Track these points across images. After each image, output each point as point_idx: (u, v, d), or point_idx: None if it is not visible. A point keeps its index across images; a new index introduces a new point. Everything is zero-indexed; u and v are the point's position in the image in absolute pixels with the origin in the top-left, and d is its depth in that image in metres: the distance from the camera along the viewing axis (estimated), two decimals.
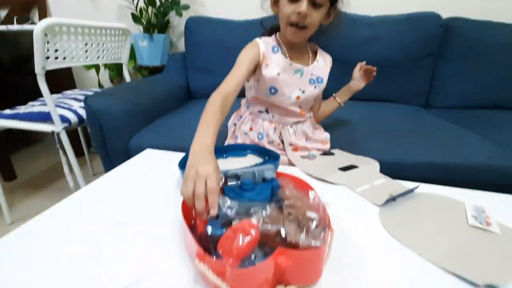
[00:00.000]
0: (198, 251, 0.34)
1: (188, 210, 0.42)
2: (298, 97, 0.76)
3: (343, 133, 0.98)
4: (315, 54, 0.79)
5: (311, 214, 0.40)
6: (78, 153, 1.08)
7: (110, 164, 1.00)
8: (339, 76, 1.33)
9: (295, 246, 0.35)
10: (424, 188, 0.60)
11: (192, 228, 0.42)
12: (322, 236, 0.37)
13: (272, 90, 0.74)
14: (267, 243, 0.37)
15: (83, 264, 0.38)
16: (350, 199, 0.57)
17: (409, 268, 0.40)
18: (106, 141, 0.96)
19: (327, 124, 0.90)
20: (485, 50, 1.30)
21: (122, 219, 0.48)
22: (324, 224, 0.40)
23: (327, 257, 0.39)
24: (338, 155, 0.78)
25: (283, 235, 0.37)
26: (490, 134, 1.00)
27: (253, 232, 0.34)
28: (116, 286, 0.35)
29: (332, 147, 0.84)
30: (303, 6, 0.62)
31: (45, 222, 0.47)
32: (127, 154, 0.96)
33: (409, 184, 0.61)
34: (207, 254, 0.33)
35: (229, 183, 0.50)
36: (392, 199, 0.55)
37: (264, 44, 0.72)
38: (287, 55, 0.74)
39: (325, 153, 0.81)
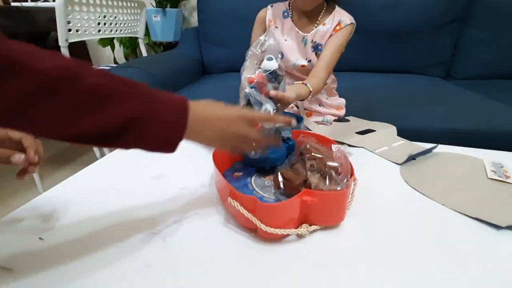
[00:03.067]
0: (231, 190, 0.37)
1: (219, 159, 0.44)
2: (303, 66, 0.75)
3: (359, 101, 0.97)
4: (327, 15, 0.73)
5: (332, 163, 0.42)
6: None
7: None
8: (356, 46, 1.31)
9: None
10: (442, 148, 0.61)
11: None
12: (344, 181, 0.40)
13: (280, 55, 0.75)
14: (294, 194, 0.39)
15: (128, 210, 0.42)
16: (370, 159, 0.59)
17: (432, 216, 0.42)
18: None
19: (343, 92, 0.90)
20: None
21: (155, 173, 0.52)
22: (347, 172, 0.42)
23: (349, 203, 0.41)
24: (354, 121, 0.79)
25: (308, 185, 0.40)
26: None
27: None
28: (161, 225, 0.39)
29: (348, 113, 0.84)
30: None
31: (89, 175, 0.52)
32: None
33: (428, 146, 0.62)
34: (239, 193, 0.36)
35: None
36: (412, 158, 0.56)
37: (273, 10, 0.75)
38: (296, 21, 0.74)
39: (340, 119, 0.82)
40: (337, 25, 0.71)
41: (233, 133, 0.37)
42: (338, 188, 0.38)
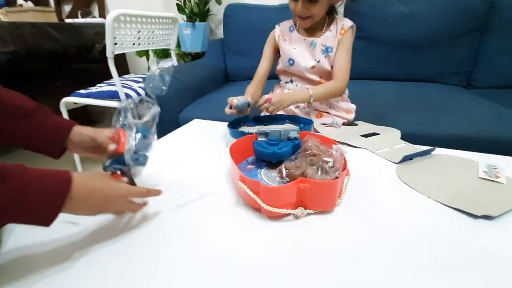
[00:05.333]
0: (241, 175, 0.46)
1: (235, 153, 0.54)
2: (313, 66, 0.85)
3: (371, 106, 1.01)
4: (331, 23, 0.84)
5: (327, 158, 0.50)
6: None
7: (163, 134, 1.18)
8: (374, 56, 1.35)
9: None
10: (441, 151, 0.65)
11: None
12: (336, 173, 0.47)
13: (290, 62, 0.87)
14: None
15: (164, 188, 0.52)
16: (370, 158, 0.65)
17: (416, 207, 0.48)
18: (160, 115, 1.14)
19: (356, 98, 0.95)
20: None
21: (183, 161, 0.63)
22: (339, 166, 0.49)
23: (343, 194, 0.48)
24: (361, 125, 0.85)
25: (304, 175, 0.48)
26: None
27: None
28: (187, 199, 0.49)
29: (358, 118, 0.90)
30: (298, 6, 0.75)
31: None
32: (177, 125, 1.13)
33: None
34: (246, 177, 0.45)
35: (259, 138, 0.60)
36: (409, 158, 0.61)
37: (280, 28, 0.89)
38: (302, 32, 0.87)
39: (349, 123, 0.88)
40: (341, 29, 0.83)
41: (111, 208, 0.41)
42: (328, 178, 0.45)
